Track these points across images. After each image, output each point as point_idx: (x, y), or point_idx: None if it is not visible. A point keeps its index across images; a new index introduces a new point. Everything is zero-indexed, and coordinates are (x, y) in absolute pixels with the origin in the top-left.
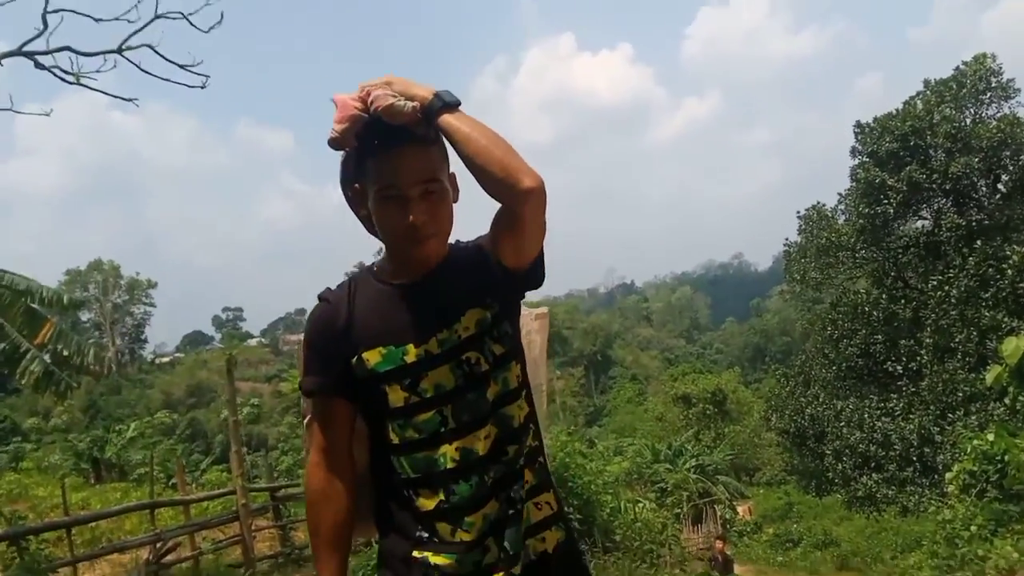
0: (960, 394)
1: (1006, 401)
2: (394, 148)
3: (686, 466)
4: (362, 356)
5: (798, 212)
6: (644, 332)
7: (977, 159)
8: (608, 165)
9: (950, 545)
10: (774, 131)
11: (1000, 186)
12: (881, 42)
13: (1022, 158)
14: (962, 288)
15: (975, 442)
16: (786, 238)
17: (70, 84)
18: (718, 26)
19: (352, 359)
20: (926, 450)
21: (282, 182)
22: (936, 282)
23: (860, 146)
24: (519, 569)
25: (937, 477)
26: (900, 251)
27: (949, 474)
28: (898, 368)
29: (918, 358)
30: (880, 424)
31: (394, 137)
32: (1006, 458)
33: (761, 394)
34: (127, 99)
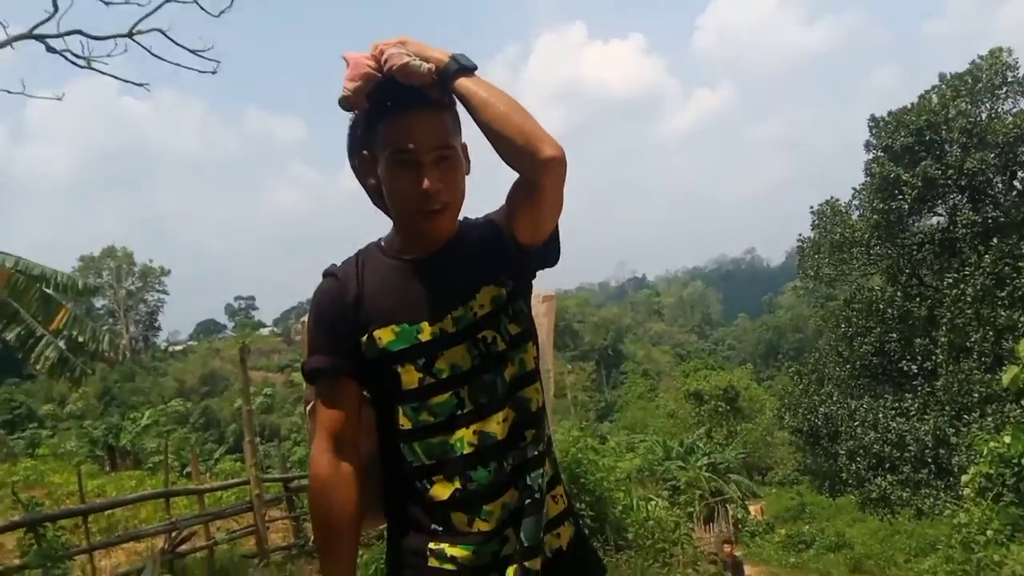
0: (976, 395)
1: (1023, 403)
2: (408, 110)
3: (698, 464)
4: (373, 334)
5: (811, 207)
6: (656, 327)
7: (993, 155)
8: (619, 157)
9: (965, 550)
10: (787, 124)
11: (1016, 183)
12: (896, 35)
13: None
14: (978, 286)
15: (991, 444)
16: (799, 233)
17: (81, 68)
18: (730, 16)
19: (362, 337)
20: (941, 452)
21: (294, 170)
22: (952, 280)
23: (874, 140)
24: (537, 564)
25: (952, 479)
26: (915, 248)
27: (965, 477)
28: (913, 367)
29: (933, 357)
30: (895, 424)
31: (408, 99)
32: (1023, 461)
33: (774, 391)
34: (138, 84)
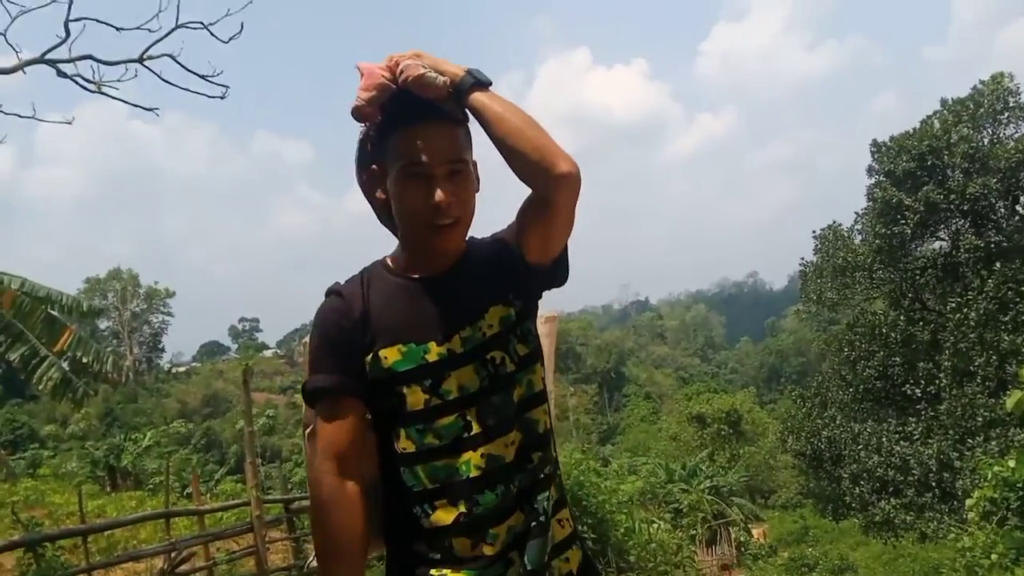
0: (980, 419)
1: None
2: (421, 123)
3: (701, 487)
4: (378, 354)
5: (814, 231)
6: (658, 350)
7: (995, 180)
8: (623, 181)
9: (970, 574)
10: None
11: (1019, 207)
12: (898, 60)
13: None
14: (981, 311)
15: (995, 468)
16: (802, 257)
17: (91, 93)
18: (733, 42)
19: (367, 357)
20: (945, 475)
21: (300, 192)
22: (955, 304)
23: (876, 165)
24: None
25: (956, 503)
26: (918, 272)
27: (969, 501)
28: (916, 391)
29: (937, 381)
30: (898, 448)
31: (422, 112)
32: None
33: (777, 415)
34: (148, 108)
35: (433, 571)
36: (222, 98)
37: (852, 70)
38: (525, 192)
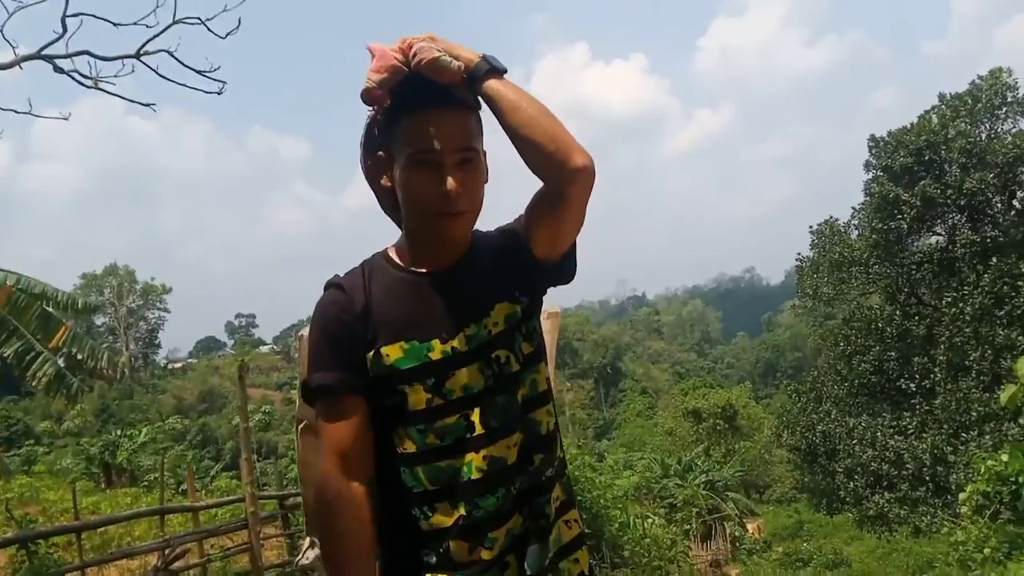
0: (974, 413)
1: (1021, 421)
2: (434, 108)
3: (696, 482)
4: (380, 351)
5: (810, 226)
6: (655, 345)
7: (992, 175)
8: (621, 176)
9: (963, 568)
10: (788, 144)
11: (1015, 203)
12: (897, 55)
13: None
14: (976, 306)
15: (989, 463)
16: (798, 252)
17: (88, 88)
18: (731, 38)
19: (368, 353)
20: (939, 470)
21: (297, 189)
22: (950, 299)
23: (874, 160)
24: None
25: (950, 497)
26: (914, 267)
27: (962, 495)
28: (911, 386)
29: (932, 376)
30: (893, 442)
31: (435, 97)
32: (1020, 480)
33: (772, 410)
34: (144, 104)
35: (428, 575)
36: (219, 93)
37: (851, 65)
38: (524, 187)
